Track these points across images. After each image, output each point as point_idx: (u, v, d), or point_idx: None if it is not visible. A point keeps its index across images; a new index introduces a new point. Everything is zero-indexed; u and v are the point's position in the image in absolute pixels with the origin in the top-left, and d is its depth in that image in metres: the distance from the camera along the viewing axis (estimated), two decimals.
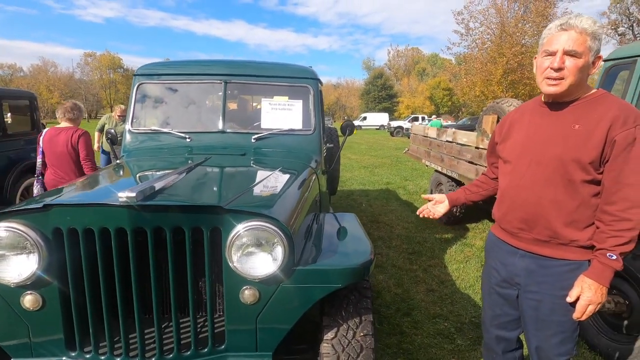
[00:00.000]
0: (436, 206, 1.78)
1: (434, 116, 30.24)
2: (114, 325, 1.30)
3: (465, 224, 4.93)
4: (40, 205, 1.22)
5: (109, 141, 2.74)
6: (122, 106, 5.70)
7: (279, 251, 1.28)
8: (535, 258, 1.47)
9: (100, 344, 1.32)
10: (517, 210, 1.50)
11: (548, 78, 1.35)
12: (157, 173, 1.75)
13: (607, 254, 1.28)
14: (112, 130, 2.71)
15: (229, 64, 2.73)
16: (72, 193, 1.46)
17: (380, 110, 43.28)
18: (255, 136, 2.55)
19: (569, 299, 1.36)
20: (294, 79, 2.72)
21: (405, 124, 27.32)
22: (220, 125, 2.57)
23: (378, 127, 35.47)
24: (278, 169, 2.00)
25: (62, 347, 1.32)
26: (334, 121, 32.21)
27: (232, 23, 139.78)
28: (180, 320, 1.36)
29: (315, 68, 3.01)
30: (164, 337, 1.34)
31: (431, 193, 5.41)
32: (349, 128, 2.94)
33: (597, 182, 1.34)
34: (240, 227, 1.26)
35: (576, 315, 1.34)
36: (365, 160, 12.24)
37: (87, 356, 1.31)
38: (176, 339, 1.31)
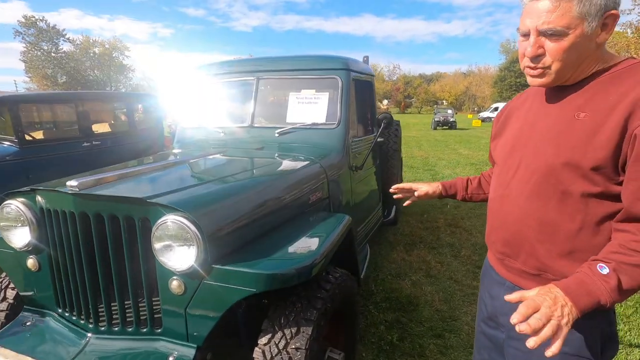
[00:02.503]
0: (420, 184, 1.45)
1: None
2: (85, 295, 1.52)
3: None
4: (28, 189, 1.51)
5: None
6: None
7: (193, 247, 1.29)
8: None
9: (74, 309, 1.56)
10: (499, 229, 1.15)
11: (528, 68, 0.98)
12: (159, 163, 1.95)
13: (598, 265, 0.84)
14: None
15: (262, 61, 2.82)
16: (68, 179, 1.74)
17: None
18: (278, 131, 2.57)
19: (508, 297, 0.89)
20: (321, 70, 2.63)
21: None
22: (249, 121, 2.68)
23: None
24: (263, 165, 1.99)
25: (53, 304, 1.62)
26: (456, 113, 29.57)
27: (360, 17, 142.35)
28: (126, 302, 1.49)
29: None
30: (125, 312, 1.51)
31: None
32: (384, 121, 2.68)
33: (612, 197, 0.91)
34: (161, 220, 1.31)
35: (514, 318, 0.79)
36: (477, 156, 10.94)
37: (66, 314, 1.59)
38: (121, 315, 1.47)
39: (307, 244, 1.53)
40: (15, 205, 1.53)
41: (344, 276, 1.73)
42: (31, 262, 1.60)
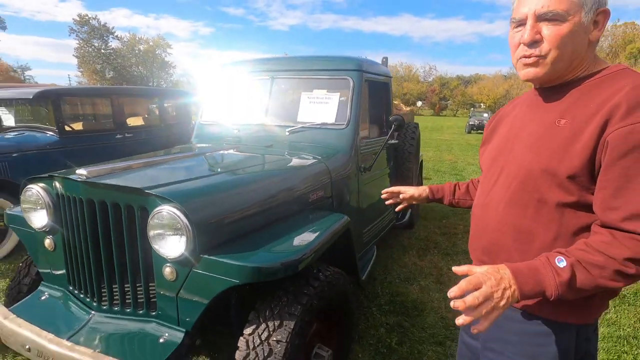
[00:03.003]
0: (408, 187, 1.45)
1: None
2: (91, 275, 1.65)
3: None
4: (47, 175, 1.66)
5: None
6: None
7: (183, 236, 1.36)
8: None
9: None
10: (480, 237, 1.15)
11: (523, 57, 0.96)
12: (169, 156, 2.06)
13: (557, 257, 0.82)
14: None
15: (277, 61, 2.88)
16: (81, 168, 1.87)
17: None
18: (289, 129, 2.63)
19: (455, 269, 0.86)
20: (334, 71, 2.65)
21: None
22: (262, 119, 2.76)
23: None
24: (266, 162, 2.05)
25: (65, 281, 1.77)
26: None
27: (398, 17, 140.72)
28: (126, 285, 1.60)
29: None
30: (125, 293, 1.62)
31: None
32: (395, 123, 2.66)
33: (588, 207, 0.90)
34: (156, 210, 1.40)
35: (451, 291, 0.77)
36: None
37: (75, 292, 1.72)
38: (121, 297, 1.58)
39: (297, 240, 1.57)
40: (36, 189, 1.69)
41: (337, 275, 1.75)
42: (48, 242, 1.75)
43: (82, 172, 1.49)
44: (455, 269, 0.87)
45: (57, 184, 1.66)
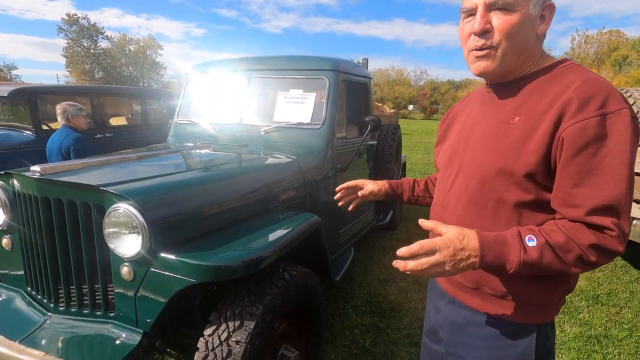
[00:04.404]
0: (367, 181, 1.37)
1: None
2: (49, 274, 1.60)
3: None
4: (2, 172, 1.61)
5: None
6: None
7: (139, 235, 1.33)
8: (463, 308, 1.06)
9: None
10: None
11: (475, 50, 0.94)
12: (134, 154, 2.02)
13: (528, 236, 0.80)
14: None
15: (254, 60, 2.86)
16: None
17: None
18: (264, 129, 2.61)
19: (422, 222, 0.85)
20: (309, 71, 2.64)
21: None
22: (238, 118, 2.73)
23: None
24: (235, 161, 2.03)
25: (23, 282, 1.71)
26: None
27: (391, 22, 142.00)
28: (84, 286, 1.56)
29: None
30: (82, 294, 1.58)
31: None
32: (371, 124, 2.65)
33: (545, 206, 0.88)
34: (112, 208, 1.36)
35: (401, 250, 0.76)
36: None
37: (33, 293, 1.67)
38: (78, 297, 1.53)
39: (261, 239, 1.55)
40: None
41: (304, 275, 1.72)
42: (5, 241, 1.70)
43: (35, 168, 1.44)
44: (422, 222, 0.85)
45: (15, 182, 1.61)
